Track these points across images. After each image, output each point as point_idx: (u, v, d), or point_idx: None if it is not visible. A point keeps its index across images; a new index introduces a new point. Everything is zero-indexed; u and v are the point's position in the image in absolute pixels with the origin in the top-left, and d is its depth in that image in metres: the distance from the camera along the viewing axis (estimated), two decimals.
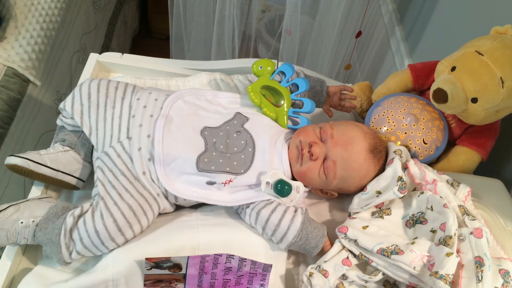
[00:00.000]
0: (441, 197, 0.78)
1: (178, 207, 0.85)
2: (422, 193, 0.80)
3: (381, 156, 0.84)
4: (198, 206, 0.86)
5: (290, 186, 0.78)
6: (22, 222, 0.74)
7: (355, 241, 0.76)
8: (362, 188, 0.83)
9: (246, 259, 0.71)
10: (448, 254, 0.69)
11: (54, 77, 1.55)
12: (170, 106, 0.84)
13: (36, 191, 0.85)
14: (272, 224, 0.77)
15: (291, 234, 0.77)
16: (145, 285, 0.73)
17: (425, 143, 0.91)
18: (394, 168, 0.80)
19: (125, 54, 1.14)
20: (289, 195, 0.79)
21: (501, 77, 0.82)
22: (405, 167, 0.84)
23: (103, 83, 0.86)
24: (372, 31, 1.85)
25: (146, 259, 0.69)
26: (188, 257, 0.70)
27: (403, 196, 0.81)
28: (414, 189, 0.85)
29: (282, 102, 0.90)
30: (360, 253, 0.76)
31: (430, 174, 0.83)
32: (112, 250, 0.74)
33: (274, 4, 2.16)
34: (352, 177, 0.82)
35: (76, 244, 0.73)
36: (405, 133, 0.91)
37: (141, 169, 0.79)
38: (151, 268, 0.70)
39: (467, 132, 0.97)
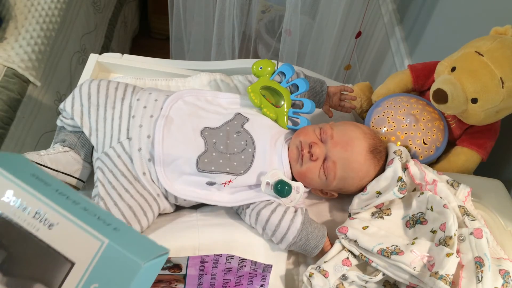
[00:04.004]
0: (441, 197, 0.78)
1: (178, 208, 0.85)
2: (422, 193, 0.80)
3: (381, 157, 0.84)
4: (198, 206, 0.86)
5: (290, 187, 0.78)
6: None
7: (355, 241, 0.76)
8: (362, 189, 0.83)
9: (246, 259, 0.71)
10: (448, 255, 0.69)
11: (54, 78, 1.55)
12: (170, 106, 0.85)
13: None
14: (272, 225, 0.77)
15: (291, 235, 0.77)
16: None
17: (425, 144, 0.91)
18: (394, 169, 0.80)
19: (125, 55, 1.14)
20: (289, 196, 0.79)
21: (501, 78, 0.82)
22: (405, 168, 0.84)
23: (103, 84, 0.86)
24: (372, 31, 1.85)
25: None
26: (188, 257, 0.70)
27: (403, 197, 0.81)
28: (414, 190, 0.85)
29: (282, 102, 0.90)
30: (360, 253, 0.76)
31: (430, 174, 0.83)
32: None
33: (274, 4, 2.16)
34: (352, 177, 0.82)
35: None
36: (405, 133, 0.91)
37: (141, 169, 0.79)
38: None
39: (467, 133, 0.97)
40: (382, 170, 0.83)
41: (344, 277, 0.75)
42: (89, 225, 0.30)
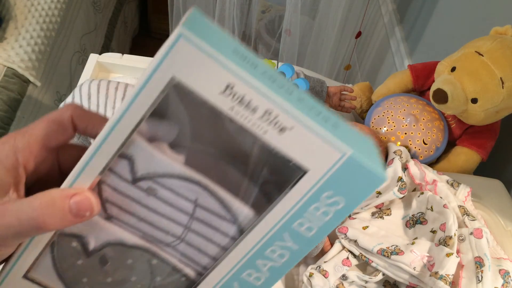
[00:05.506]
0: (441, 197, 0.78)
1: None
2: (422, 193, 0.80)
3: (381, 157, 0.84)
4: None
5: None
6: None
7: (355, 241, 0.76)
8: None
9: None
10: (448, 255, 0.69)
11: (54, 78, 1.55)
12: None
13: None
14: None
15: None
16: None
17: (425, 144, 0.91)
18: (394, 169, 0.80)
19: (125, 55, 1.14)
20: None
21: (501, 78, 0.82)
22: (405, 168, 0.84)
23: (103, 84, 0.86)
24: (372, 31, 1.85)
25: None
26: None
27: (403, 197, 0.81)
28: (414, 190, 0.85)
29: None
30: (360, 253, 0.76)
31: (430, 174, 0.83)
32: None
33: (274, 4, 2.16)
34: None
35: None
36: (405, 133, 0.91)
37: None
38: None
39: (467, 133, 0.97)
40: None
41: (344, 277, 0.75)
42: (327, 130, 0.25)
